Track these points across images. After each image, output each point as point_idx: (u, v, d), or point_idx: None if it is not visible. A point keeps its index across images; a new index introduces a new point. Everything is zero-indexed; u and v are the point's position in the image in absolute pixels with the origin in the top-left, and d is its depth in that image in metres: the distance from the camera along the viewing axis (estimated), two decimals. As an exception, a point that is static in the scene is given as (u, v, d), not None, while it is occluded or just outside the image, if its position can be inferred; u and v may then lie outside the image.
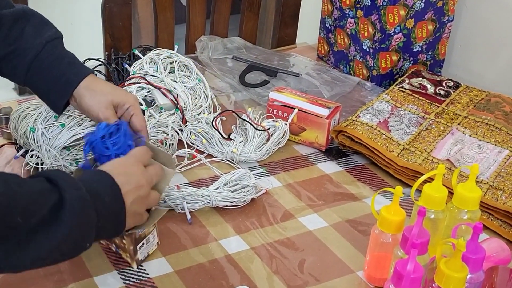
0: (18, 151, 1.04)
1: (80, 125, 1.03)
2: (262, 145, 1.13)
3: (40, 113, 1.04)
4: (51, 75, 0.93)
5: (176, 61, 1.22)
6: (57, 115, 1.01)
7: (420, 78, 1.29)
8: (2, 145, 1.09)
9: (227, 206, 1.00)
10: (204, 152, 1.13)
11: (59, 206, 0.68)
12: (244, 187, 1.01)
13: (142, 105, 1.13)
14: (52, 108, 0.97)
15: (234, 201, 1.00)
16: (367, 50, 1.38)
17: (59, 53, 0.94)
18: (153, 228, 0.88)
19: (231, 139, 1.13)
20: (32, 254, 0.67)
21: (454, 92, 1.26)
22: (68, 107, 0.97)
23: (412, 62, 1.39)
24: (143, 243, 0.87)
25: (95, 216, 0.72)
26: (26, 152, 1.02)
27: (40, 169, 1.01)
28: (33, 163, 1.02)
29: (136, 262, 0.87)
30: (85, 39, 2.61)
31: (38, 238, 0.67)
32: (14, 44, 0.92)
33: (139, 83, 1.16)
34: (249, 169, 1.08)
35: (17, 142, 1.05)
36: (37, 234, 0.67)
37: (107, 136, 0.87)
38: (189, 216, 0.97)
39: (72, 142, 1.01)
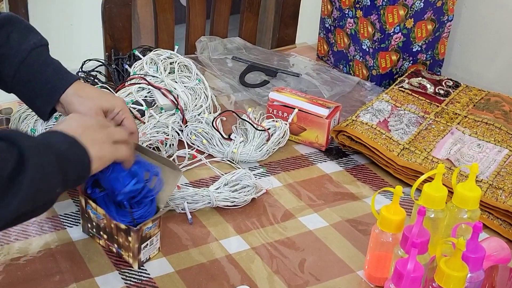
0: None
1: (80, 126, 1.03)
2: (262, 145, 1.13)
3: (40, 114, 1.04)
4: (36, 82, 0.93)
5: (176, 62, 1.22)
6: (57, 116, 1.01)
7: (420, 78, 1.29)
8: (3, 146, 1.09)
9: (227, 206, 1.00)
10: (205, 152, 1.13)
11: (21, 159, 0.70)
12: (245, 187, 1.01)
13: (142, 105, 1.13)
14: (38, 115, 0.97)
15: (234, 201, 1.00)
16: (367, 50, 1.38)
17: (44, 59, 0.94)
18: (157, 231, 0.88)
19: (231, 139, 1.13)
20: (17, 198, 0.68)
21: (453, 91, 1.26)
22: (56, 113, 0.97)
23: (411, 61, 1.40)
24: (147, 244, 0.87)
25: (54, 158, 0.73)
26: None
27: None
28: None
29: (138, 262, 0.87)
30: (85, 40, 2.62)
31: (14, 189, 0.68)
32: (0, 50, 0.92)
33: (140, 83, 1.16)
34: (249, 169, 1.08)
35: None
36: (12, 186, 0.68)
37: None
38: (189, 216, 0.97)
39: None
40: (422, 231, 0.77)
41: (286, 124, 1.16)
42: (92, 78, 1.23)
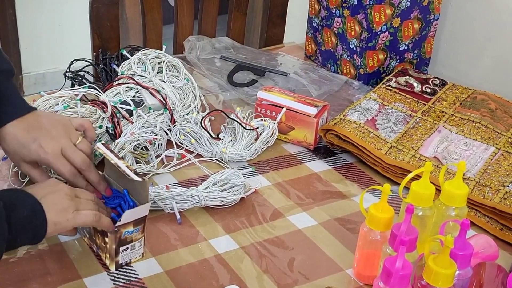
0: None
1: (68, 126, 1.02)
2: (251, 144, 1.13)
3: (27, 115, 1.03)
4: None
5: (164, 61, 1.22)
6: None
7: (407, 77, 1.30)
8: (-10, 147, 1.08)
9: (216, 205, 1.00)
10: (193, 152, 1.13)
11: None
12: (233, 187, 1.01)
13: (130, 105, 1.13)
14: None
15: (223, 201, 1.00)
16: (354, 49, 1.38)
17: None
18: (141, 236, 0.87)
19: (220, 139, 1.13)
20: None
21: (440, 90, 1.27)
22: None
23: (398, 60, 1.40)
24: (127, 248, 0.86)
25: (7, 228, 0.74)
26: (14, 153, 1.02)
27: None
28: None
29: (115, 264, 0.86)
30: (73, 40, 2.60)
31: None
32: None
33: (128, 83, 1.16)
34: (238, 169, 1.08)
35: (5, 144, 1.04)
36: None
37: None
38: (178, 216, 0.97)
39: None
40: (410, 229, 0.78)
41: (274, 123, 1.17)
42: (80, 78, 1.22)
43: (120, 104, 1.13)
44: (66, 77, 1.23)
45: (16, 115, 0.93)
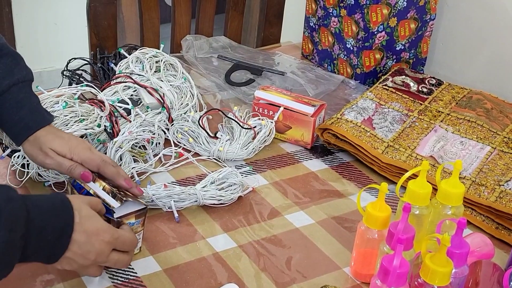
0: (4, 151, 1.04)
1: (66, 125, 1.03)
2: (248, 143, 1.14)
3: (26, 113, 1.03)
4: (9, 119, 0.93)
5: (162, 60, 1.22)
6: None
7: (403, 76, 1.31)
8: (-12, 146, 1.08)
9: (214, 204, 1.00)
10: (191, 151, 1.13)
11: None
12: (231, 185, 1.02)
13: (128, 104, 1.13)
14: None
15: (221, 199, 1.00)
16: (351, 48, 1.39)
17: (23, 97, 0.94)
18: (141, 229, 0.88)
19: (217, 138, 1.14)
20: None
21: (436, 89, 1.28)
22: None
23: (395, 60, 1.41)
24: None
25: (18, 255, 0.72)
26: (12, 152, 1.02)
27: (26, 172, 1.01)
28: (18, 164, 1.01)
29: None
30: (70, 39, 2.60)
31: None
32: None
33: (125, 82, 1.16)
34: (235, 167, 1.09)
35: (3, 142, 1.04)
36: None
37: None
38: (176, 215, 0.97)
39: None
40: (407, 227, 0.78)
41: (271, 122, 1.17)
42: (78, 77, 1.23)
43: (118, 103, 1.13)
44: (64, 76, 1.23)
45: (45, 123, 0.94)
